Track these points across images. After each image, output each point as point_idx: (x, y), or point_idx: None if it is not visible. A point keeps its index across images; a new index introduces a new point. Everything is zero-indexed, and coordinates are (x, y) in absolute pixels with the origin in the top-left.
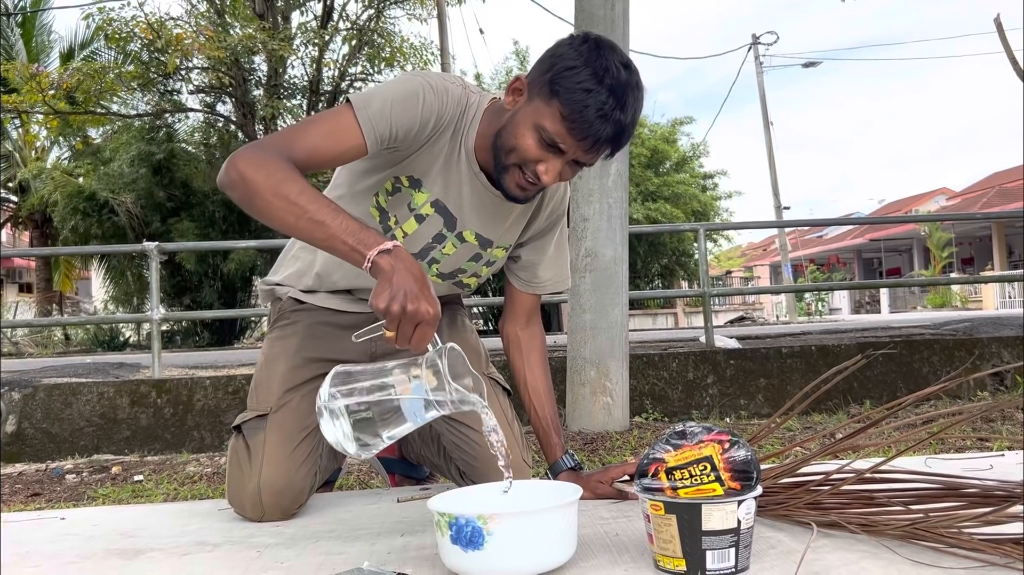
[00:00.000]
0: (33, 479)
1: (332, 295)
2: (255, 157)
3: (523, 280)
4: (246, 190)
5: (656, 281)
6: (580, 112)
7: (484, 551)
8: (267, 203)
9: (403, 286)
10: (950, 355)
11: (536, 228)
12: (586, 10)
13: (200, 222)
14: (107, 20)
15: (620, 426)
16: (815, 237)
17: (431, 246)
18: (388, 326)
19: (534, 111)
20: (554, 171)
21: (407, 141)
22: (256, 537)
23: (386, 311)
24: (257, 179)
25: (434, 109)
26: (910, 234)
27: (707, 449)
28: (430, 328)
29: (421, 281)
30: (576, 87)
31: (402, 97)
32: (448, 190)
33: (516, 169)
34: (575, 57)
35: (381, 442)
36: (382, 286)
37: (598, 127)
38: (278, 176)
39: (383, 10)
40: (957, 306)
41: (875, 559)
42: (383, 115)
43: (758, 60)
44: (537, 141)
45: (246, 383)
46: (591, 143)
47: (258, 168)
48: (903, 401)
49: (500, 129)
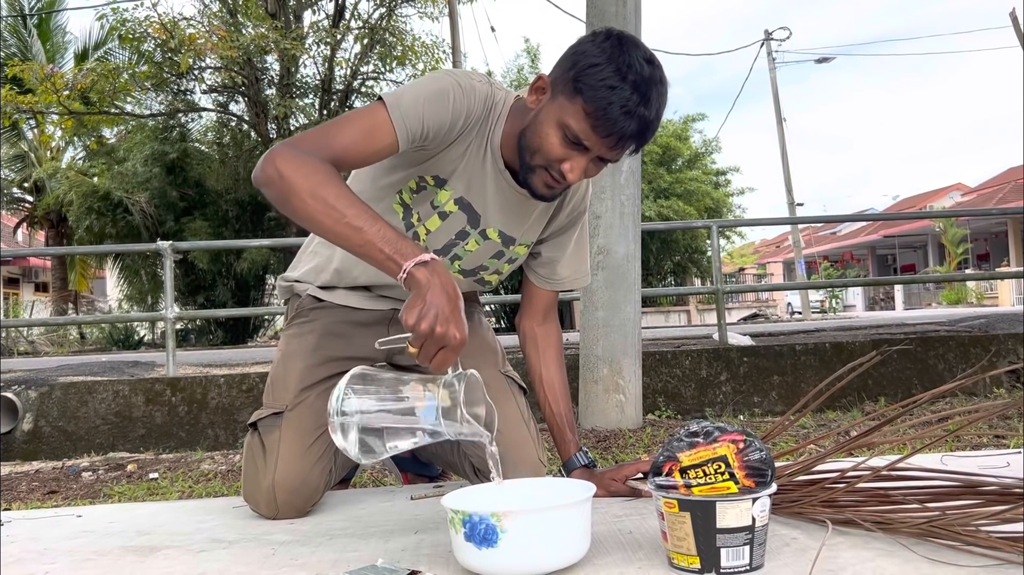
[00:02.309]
0: (50, 477)
1: (351, 292)
2: (293, 156)
3: (542, 277)
4: (283, 189)
5: (669, 278)
6: (604, 109)
7: (498, 548)
8: (304, 204)
9: (436, 305)
10: (966, 352)
11: (557, 225)
12: (598, 7)
13: (213, 221)
14: (121, 20)
15: (633, 424)
16: (829, 234)
17: (454, 243)
18: (413, 342)
19: (558, 109)
20: (579, 169)
21: (436, 140)
22: (271, 534)
23: (414, 328)
24: (295, 179)
25: (463, 107)
26: (925, 230)
27: (722, 449)
28: (454, 354)
29: (454, 302)
30: (599, 84)
31: (433, 96)
32: (472, 187)
33: (542, 169)
34: (598, 54)
35: (384, 451)
36: (415, 301)
37: (622, 124)
38: (316, 178)
39: (395, 8)
40: (972, 303)
41: (891, 557)
42: (415, 114)
43: (770, 56)
44: (561, 139)
45: (260, 381)
46: (615, 140)
47: (296, 168)
48: (918, 398)
49: (524, 128)
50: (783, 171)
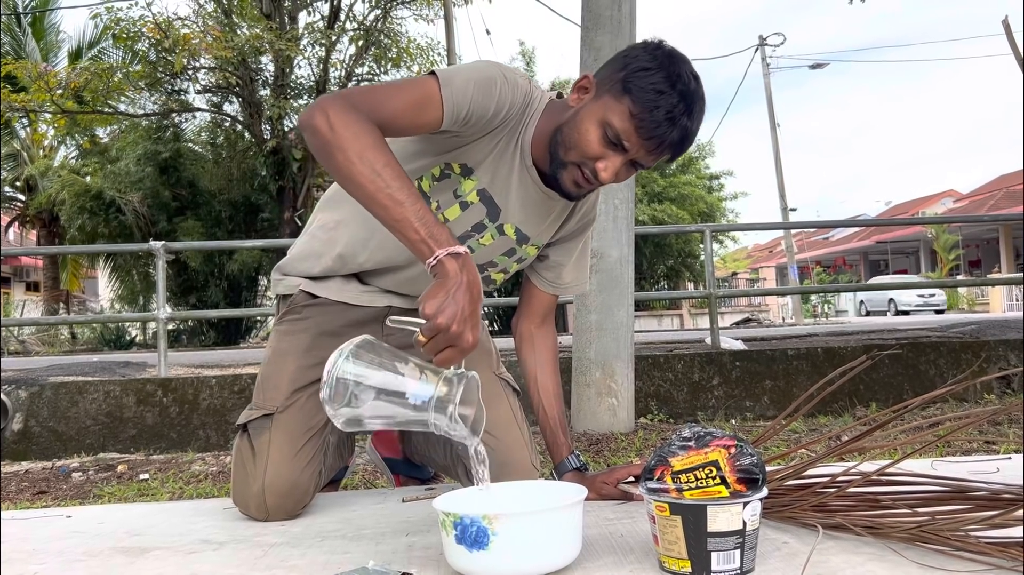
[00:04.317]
0: (39, 477)
1: (346, 283)
2: (346, 112)
3: (547, 280)
4: (331, 142)
5: (662, 282)
6: (650, 111)
7: (489, 551)
8: (349, 164)
9: (459, 303)
10: (957, 358)
11: (567, 230)
12: (593, 11)
13: (206, 221)
14: (115, 20)
15: (625, 427)
16: (821, 239)
17: (469, 234)
18: (425, 332)
19: (602, 107)
20: (612, 169)
21: (475, 126)
22: (261, 536)
23: (431, 318)
24: (345, 136)
25: (507, 99)
26: (917, 236)
27: (713, 453)
28: (461, 355)
29: (475, 304)
30: (649, 87)
31: (482, 81)
32: (496, 181)
33: (575, 166)
34: (650, 60)
35: (365, 423)
36: (438, 292)
37: (665, 128)
38: (367, 140)
39: (390, 11)
40: (964, 309)
41: (881, 561)
42: (464, 95)
43: (765, 61)
44: (600, 137)
45: (251, 382)
46: (656, 144)
47: (348, 124)
48: (909, 404)
49: (561, 125)
50: (776, 176)
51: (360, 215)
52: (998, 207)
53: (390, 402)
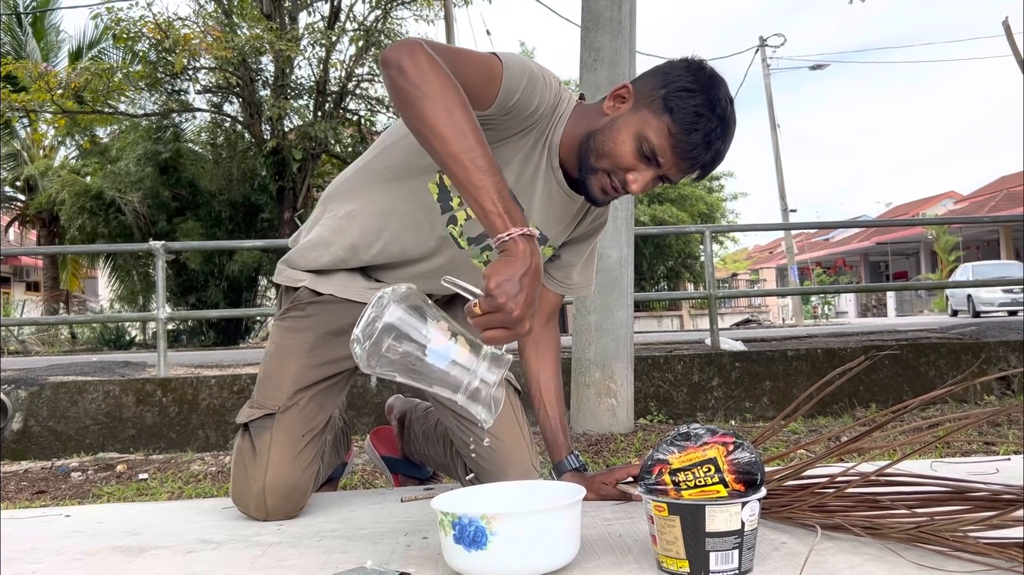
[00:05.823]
0: (39, 477)
1: (352, 277)
2: (437, 63)
3: (556, 280)
4: (419, 87)
5: (662, 283)
6: (689, 133)
7: (487, 551)
8: (436, 115)
9: (525, 286)
10: (956, 359)
11: (579, 232)
12: (593, 11)
13: (206, 222)
14: (115, 20)
15: (624, 428)
16: (821, 240)
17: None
18: (483, 304)
19: (640, 120)
20: (643, 182)
21: (512, 120)
22: (260, 535)
23: (493, 292)
24: (436, 86)
25: (545, 97)
26: (917, 237)
27: (711, 451)
28: (510, 338)
29: (536, 292)
30: (691, 109)
31: (531, 75)
32: (521, 180)
33: (604, 173)
34: (692, 81)
35: (390, 367)
36: (507, 268)
37: (700, 151)
38: (455, 97)
39: (390, 11)
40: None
41: (879, 562)
42: (518, 84)
43: (765, 62)
44: (635, 150)
45: (251, 382)
46: (689, 164)
47: (440, 77)
48: (909, 404)
49: (595, 131)
50: (776, 177)
51: (374, 206)
52: (998, 208)
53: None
